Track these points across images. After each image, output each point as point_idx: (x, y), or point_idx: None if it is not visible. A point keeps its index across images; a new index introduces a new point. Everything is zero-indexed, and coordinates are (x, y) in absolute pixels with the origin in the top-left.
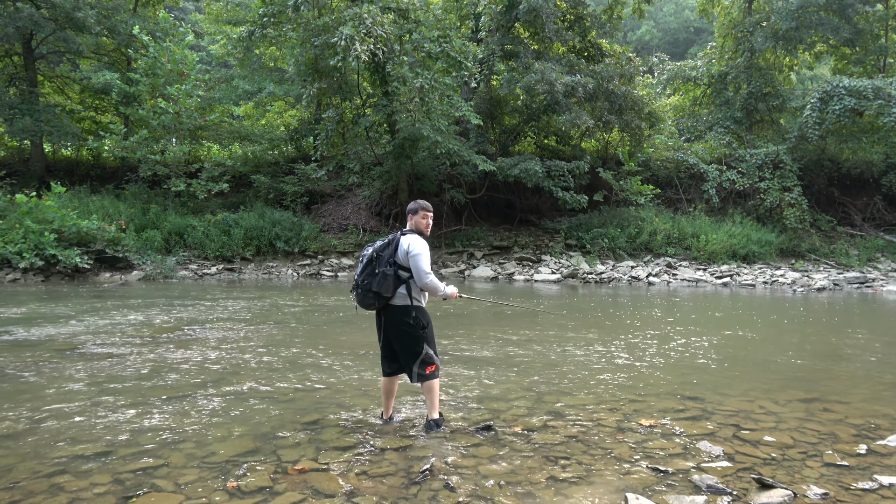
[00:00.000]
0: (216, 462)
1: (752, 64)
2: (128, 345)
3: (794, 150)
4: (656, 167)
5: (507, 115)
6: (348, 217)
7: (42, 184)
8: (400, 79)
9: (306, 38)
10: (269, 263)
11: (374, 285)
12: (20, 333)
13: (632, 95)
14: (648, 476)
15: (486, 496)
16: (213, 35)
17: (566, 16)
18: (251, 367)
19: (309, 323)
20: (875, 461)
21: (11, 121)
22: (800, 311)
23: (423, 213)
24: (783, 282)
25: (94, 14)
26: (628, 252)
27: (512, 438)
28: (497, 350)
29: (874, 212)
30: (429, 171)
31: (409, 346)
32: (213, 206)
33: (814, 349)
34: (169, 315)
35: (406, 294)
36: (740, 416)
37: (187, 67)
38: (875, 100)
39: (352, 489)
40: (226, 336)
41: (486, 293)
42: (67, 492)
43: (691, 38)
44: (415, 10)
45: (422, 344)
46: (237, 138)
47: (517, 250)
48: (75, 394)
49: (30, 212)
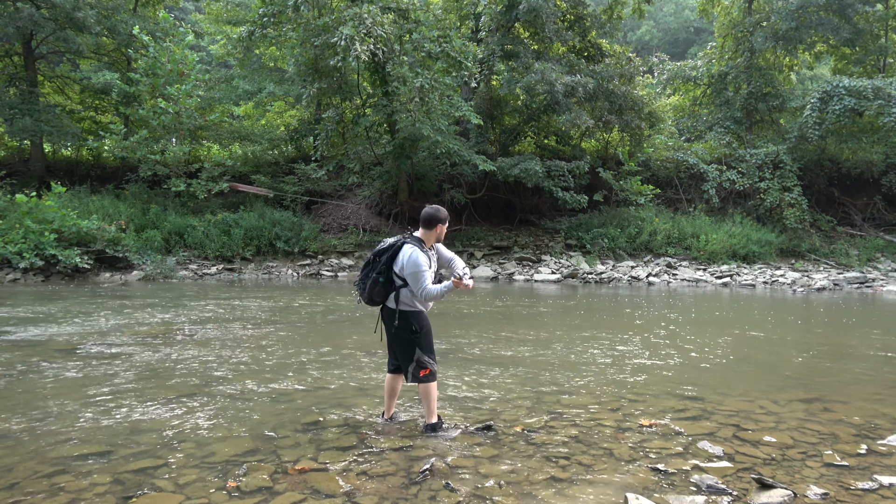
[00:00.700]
0: (216, 462)
1: (752, 64)
2: (128, 345)
3: (794, 150)
4: (656, 167)
5: (507, 115)
6: (348, 217)
7: (42, 184)
8: (400, 79)
9: (306, 38)
10: (269, 263)
11: (366, 289)
12: (20, 333)
13: (632, 95)
14: (648, 476)
15: (486, 496)
16: (213, 35)
17: (566, 16)
18: (251, 367)
19: (309, 323)
20: (875, 461)
21: (11, 121)
22: (800, 312)
23: (447, 223)
24: (783, 282)
25: (94, 14)
26: (628, 252)
27: (512, 438)
28: (498, 350)
29: (874, 212)
30: (429, 171)
31: (402, 348)
32: (213, 206)
33: (814, 349)
34: (169, 315)
35: (394, 299)
36: (740, 416)
37: (187, 67)
38: (875, 100)
39: (352, 489)
40: (225, 336)
41: (486, 294)
42: (67, 492)
43: (691, 38)
44: (415, 10)
45: (413, 348)
46: (237, 138)
47: (517, 250)
48: (75, 394)
49: (30, 212)
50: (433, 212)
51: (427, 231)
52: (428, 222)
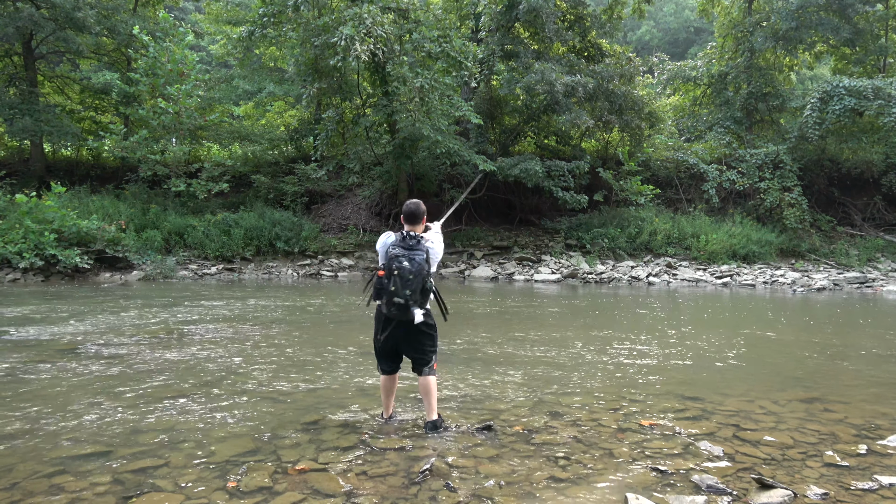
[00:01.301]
0: (216, 462)
1: (752, 64)
2: (127, 345)
3: (794, 150)
4: (656, 167)
5: (507, 115)
6: (348, 217)
7: (42, 184)
8: (400, 79)
9: (306, 38)
10: (269, 263)
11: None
12: (20, 333)
13: (632, 95)
14: (648, 476)
15: (486, 496)
16: (213, 35)
17: (566, 16)
18: (251, 367)
19: (309, 323)
20: (875, 461)
21: (11, 121)
22: (799, 312)
23: None
24: (783, 282)
25: (94, 14)
26: (628, 252)
27: (512, 438)
28: (498, 349)
29: (874, 212)
30: (429, 171)
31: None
32: (213, 206)
33: (814, 349)
34: (169, 315)
35: None
36: (740, 416)
37: (187, 67)
38: (875, 100)
39: (352, 489)
40: (225, 336)
41: (486, 294)
42: (67, 492)
43: (691, 38)
44: (415, 10)
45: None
46: (237, 138)
47: (517, 250)
48: (75, 394)
49: (30, 212)
50: (414, 207)
51: (413, 227)
52: (412, 217)
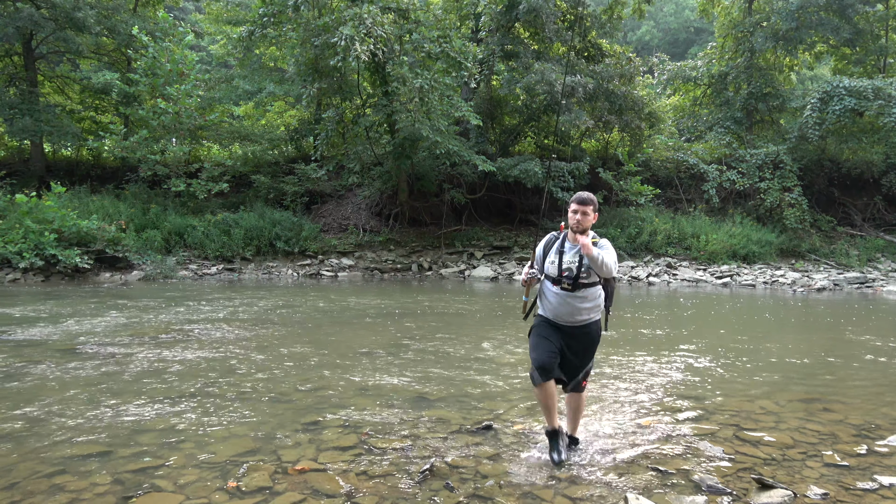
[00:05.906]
0: (216, 462)
1: (752, 64)
2: (128, 345)
3: (794, 151)
4: (656, 167)
5: (507, 115)
6: (348, 217)
7: (42, 184)
8: (400, 79)
9: (306, 38)
10: (269, 263)
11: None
12: (20, 333)
13: (632, 96)
14: (648, 476)
15: (486, 496)
16: (213, 35)
17: (566, 16)
18: (251, 367)
19: (309, 323)
20: (875, 461)
21: (11, 121)
22: (800, 312)
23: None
24: (783, 282)
25: (94, 14)
26: (628, 252)
27: (512, 438)
28: (498, 349)
29: (874, 212)
30: (429, 171)
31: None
32: (213, 206)
33: (814, 349)
34: (169, 315)
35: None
36: (740, 416)
37: (187, 67)
38: (875, 100)
39: (352, 489)
40: (225, 336)
41: (486, 294)
42: (67, 492)
43: (691, 38)
44: (415, 10)
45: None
46: (237, 138)
47: (517, 250)
48: (75, 394)
49: (30, 212)
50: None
51: None
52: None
